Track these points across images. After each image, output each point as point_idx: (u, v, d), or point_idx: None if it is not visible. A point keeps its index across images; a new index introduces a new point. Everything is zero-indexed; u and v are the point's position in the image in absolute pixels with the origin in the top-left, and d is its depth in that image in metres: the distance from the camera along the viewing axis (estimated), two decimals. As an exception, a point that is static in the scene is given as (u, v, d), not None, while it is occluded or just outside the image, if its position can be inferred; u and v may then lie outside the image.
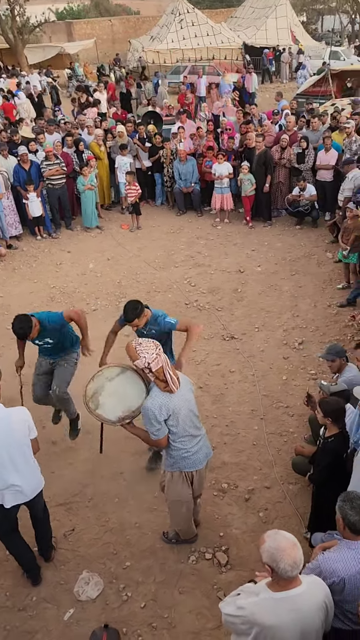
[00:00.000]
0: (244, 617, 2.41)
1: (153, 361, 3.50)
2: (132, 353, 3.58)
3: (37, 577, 4.14)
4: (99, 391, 4.10)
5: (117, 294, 8.33)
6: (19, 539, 4.02)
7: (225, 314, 7.69)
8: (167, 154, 11.01)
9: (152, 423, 3.56)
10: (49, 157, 9.92)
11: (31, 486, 3.81)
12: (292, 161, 10.10)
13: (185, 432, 3.70)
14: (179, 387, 3.63)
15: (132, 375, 4.11)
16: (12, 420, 3.61)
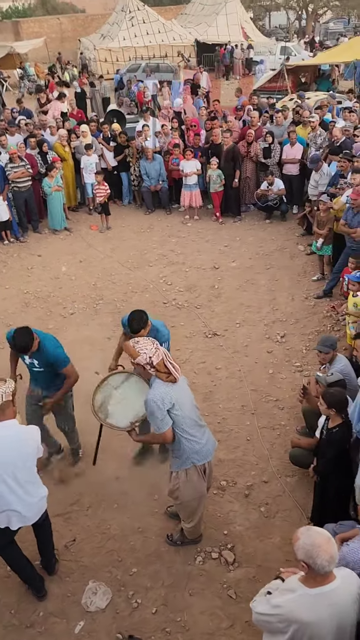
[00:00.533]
0: (281, 615, 2.39)
1: (154, 355, 3.59)
2: (132, 351, 3.64)
3: (42, 589, 4.02)
4: (106, 400, 4.10)
5: (93, 296, 8.19)
6: (17, 552, 3.90)
7: (205, 311, 7.68)
8: (133, 152, 10.90)
9: (155, 415, 3.58)
10: (14, 159, 9.64)
11: (36, 509, 3.73)
12: (259, 156, 10.17)
13: (193, 421, 3.76)
14: (180, 376, 3.72)
15: (137, 380, 4.12)
16: (22, 439, 3.51)
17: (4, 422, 3.49)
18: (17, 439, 3.51)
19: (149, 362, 3.58)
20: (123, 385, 4.29)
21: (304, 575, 2.47)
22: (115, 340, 7.03)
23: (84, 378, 4.91)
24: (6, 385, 3.49)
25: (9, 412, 3.51)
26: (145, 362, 3.59)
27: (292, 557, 4.13)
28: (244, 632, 3.75)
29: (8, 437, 3.47)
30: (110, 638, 3.74)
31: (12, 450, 3.48)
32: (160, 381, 3.62)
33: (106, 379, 4.35)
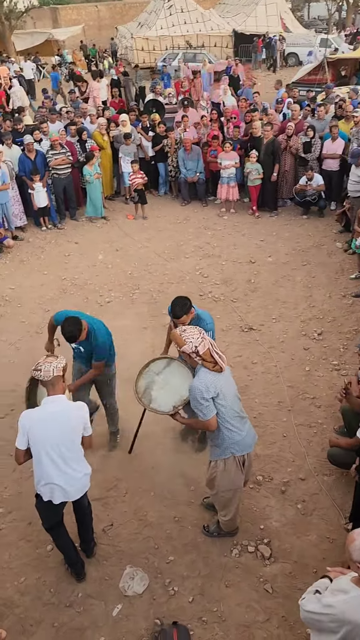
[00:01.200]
0: (334, 616, 2.40)
1: (200, 344, 3.61)
2: (179, 340, 3.67)
3: (81, 572, 4.11)
4: (150, 386, 4.16)
5: (129, 285, 8.24)
6: (65, 532, 4.00)
7: (241, 305, 7.67)
8: (171, 143, 10.88)
9: (199, 402, 3.62)
10: (55, 146, 9.74)
11: (79, 485, 3.78)
12: (299, 150, 10.06)
13: (235, 412, 3.78)
14: (226, 365, 3.74)
15: (179, 365, 4.17)
16: (71, 416, 3.56)
17: (53, 397, 3.57)
18: (65, 415, 3.56)
19: (195, 351, 3.61)
20: (165, 371, 4.34)
21: (356, 577, 2.48)
22: (151, 330, 7.14)
23: (119, 367, 5.00)
24: (58, 361, 3.56)
25: (58, 387, 3.58)
26: (191, 351, 3.62)
27: (329, 556, 4.17)
28: (280, 626, 3.77)
29: (56, 412, 3.54)
30: (148, 623, 3.81)
31: (59, 425, 3.54)
32: (206, 370, 3.65)
33: (147, 365, 4.41)
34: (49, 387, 3.57)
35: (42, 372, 3.50)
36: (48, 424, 3.52)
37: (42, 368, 3.50)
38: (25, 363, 6.49)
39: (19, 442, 3.57)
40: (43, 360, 3.57)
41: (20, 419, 3.57)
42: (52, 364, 3.52)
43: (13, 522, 4.62)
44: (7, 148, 9.70)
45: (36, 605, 3.99)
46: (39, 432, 3.52)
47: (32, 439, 3.54)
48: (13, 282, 8.41)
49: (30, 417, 3.55)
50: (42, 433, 3.52)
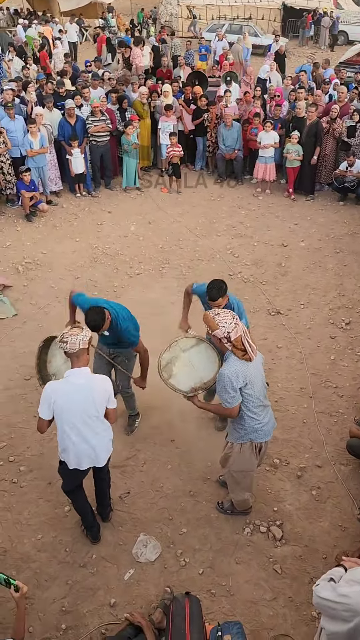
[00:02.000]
0: (348, 606, 2.44)
1: (232, 330, 3.56)
2: (211, 323, 3.61)
3: (97, 535, 4.24)
4: (172, 361, 4.15)
5: (160, 259, 8.25)
6: (83, 496, 4.12)
7: (270, 288, 7.63)
8: (211, 117, 10.71)
9: (227, 390, 3.60)
10: (95, 112, 9.67)
11: (105, 450, 3.87)
12: (343, 134, 9.82)
13: (259, 401, 3.77)
14: (256, 355, 3.68)
15: (207, 347, 4.14)
16: (94, 388, 3.60)
17: (78, 369, 3.59)
18: (90, 387, 3.60)
19: (227, 337, 3.57)
20: (192, 350, 4.29)
21: (373, 569, 2.51)
22: (178, 305, 7.04)
23: (142, 339, 4.96)
24: (83, 333, 3.55)
25: (83, 359, 3.60)
26: (223, 336, 3.58)
27: (340, 544, 4.23)
28: (286, 606, 3.86)
29: (81, 384, 3.57)
30: (158, 590, 3.93)
31: (84, 397, 3.58)
32: (236, 358, 3.61)
33: (176, 340, 4.36)
34: (74, 359, 3.57)
35: (68, 344, 3.48)
36: (73, 395, 3.56)
37: (69, 340, 3.49)
38: (53, 328, 6.57)
39: (43, 413, 3.59)
40: (69, 332, 3.53)
41: (44, 389, 3.61)
42: (78, 337, 3.50)
43: (34, 481, 4.76)
44: (48, 111, 9.66)
45: (51, 562, 4.15)
46: (65, 404, 3.56)
47: (57, 410, 3.58)
48: (45, 247, 8.47)
49: (56, 389, 3.57)
50: (68, 405, 3.56)
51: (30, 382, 5.83)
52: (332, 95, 11.12)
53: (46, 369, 4.36)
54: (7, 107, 9.04)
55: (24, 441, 5.16)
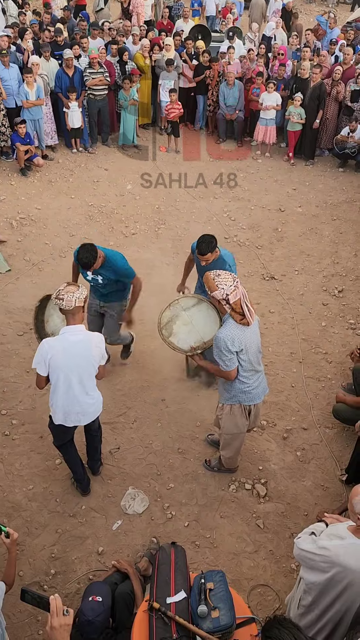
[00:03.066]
0: (327, 557, 2.57)
1: (231, 293, 3.57)
2: (211, 284, 3.63)
3: (87, 488, 4.36)
4: (173, 319, 4.19)
5: (156, 219, 8.18)
6: (74, 450, 4.20)
7: (265, 252, 7.63)
8: (213, 75, 10.43)
9: (223, 353, 3.65)
10: (93, 64, 9.38)
11: (92, 410, 3.92)
12: (346, 98, 9.63)
13: (252, 366, 3.82)
14: (254, 321, 3.71)
15: (208, 307, 4.18)
16: (92, 346, 3.64)
17: (74, 327, 3.62)
18: (86, 344, 3.63)
19: (226, 299, 3.58)
20: (193, 309, 4.33)
21: (354, 527, 2.63)
22: (174, 266, 7.16)
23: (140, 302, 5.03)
24: (79, 291, 3.56)
25: (79, 317, 3.63)
26: (221, 298, 3.59)
27: (321, 502, 4.39)
28: (267, 559, 4.03)
29: (78, 342, 3.61)
30: (145, 540, 4.09)
31: (80, 354, 3.62)
32: (233, 322, 3.63)
33: (177, 299, 4.40)
34: (69, 316, 3.59)
35: (65, 301, 3.50)
36: (69, 352, 3.58)
37: (65, 297, 3.50)
38: (47, 285, 6.61)
39: (40, 369, 3.62)
40: (64, 289, 3.55)
41: (41, 345, 3.62)
42: (74, 294, 3.51)
43: (26, 434, 4.86)
44: (45, 61, 9.36)
45: (42, 511, 4.28)
46: (61, 360, 3.58)
47: (53, 366, 3.60)
48: (40, 203, 8.36)
49: (52, 346, 3.58)
50: (64, 361, 3.58)
51: (23, 337, 5.87)
52: (339, 57, 10.83)
53: (44, 328, 4.39)
54: (2, 54, 8.70)
55: (16, 395, 5.24)
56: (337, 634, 2.73)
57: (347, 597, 2.58)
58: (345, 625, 2.69)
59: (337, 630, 2.72)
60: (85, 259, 4.36)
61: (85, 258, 4.36)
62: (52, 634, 2.15)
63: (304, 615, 2.80)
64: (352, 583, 2.54)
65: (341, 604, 2.61)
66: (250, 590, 3.82)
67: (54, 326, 4.34)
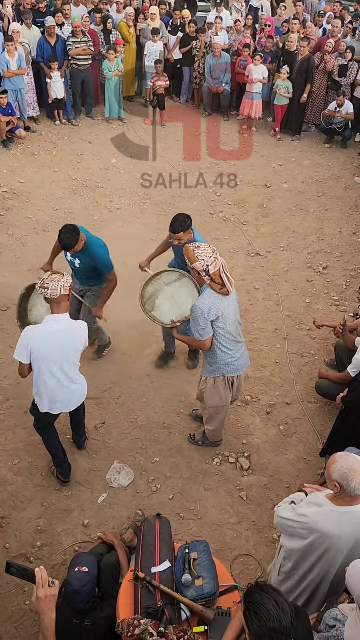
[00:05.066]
0: (306, 524, 2.64)
1: (211, 264, 3.61)
2: (191, 255, 3.66)
3: (68, 474, 4.30)
4: (155, 294, 4.20)
5: (140, 194, 8.10)
6: (54, 432, 4.13)
7: (251, 228, 7.61)
8: (200, 46, 10.22)
9: (198, 322, 3.69)
10: (76, 33, 9.13)
11: (77, 396, 3.90)
12: (334, 73, 9.53)
13: (232, 336, 3.87)
14: (233, 290, 3.76)
15: (189, 282, 4.20)
16: (75, 335, 3.59)
17: (58, 315, 3.56)
18: (70, 333, 3.59)
19: (205, 269, 3.62)
20: (174, 283, 4.34)
21: (332, 494, 2.69)
22: (158, 242, 7.02)
23: (122, 274, 4.96)
24: (64, 279, 3.49)
25: (63, 305, 3.56)
26: (201, 269, 3.62)
27: (303, 474, 4.48)
28: (249, 529, 4.12)
29: (61, 330, 3.55)
30: (130, 512, 4.15)
31: (64, 343, 3.57)
32: (212, 291, 3.68)
33: (159, 273, 4.40)
34: (54, 305, 3.54)
35: (49, 290, 3.43)
36: (53, 341, 3.53)
37: (49, 286, 3.43)
38: (29, 260, 6.55)
39: (22, 357, 3.57)
40: (49, 278, 3.47)
41: (23, 333, 3.56)
42: (59, 283, 3.45)
43: (10, 409, 4.85)
44: (26, 28, 9.07)
45: (27, 485, 4.31)
46: (44, 349, 3.53)
47: (36, 354, 3.54)
48: (22, 176, 8.20)
49: (35, 334, 3.53)
50: (47, 350, 3.53)
51: (7, 313, 5.82)
52: (326, 29, 10.67)
53: (27, 317, 4.33)
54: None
55: (0, 370, 5.21)
56: (315, 599, 2.83)
57: (324, 562, 2.67)
58: (323, 590, 2.79)
59: (316, 595, 2.81)
60: (67, 239, 4.31)
61: (66, 239, 4.31)
62: (37, 605, 2.20)
63: (284, 581, 2.88)
64: (330, 548, 2.62)
65: (319, 569, 2.69)
66: (233, 560, 3.92)
67: (38, 315, 4.28)
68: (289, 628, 1.96)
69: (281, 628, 1.95)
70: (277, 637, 1.95)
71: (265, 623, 1.96)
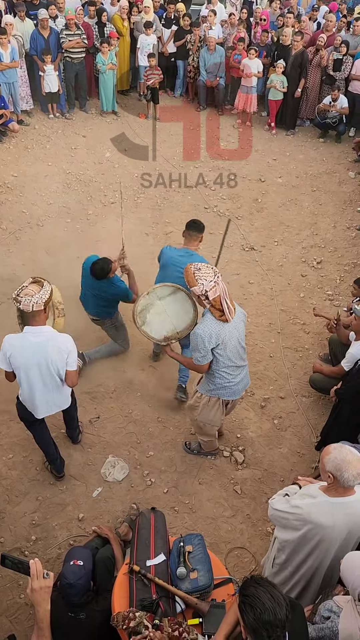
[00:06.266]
0: (299, 515, 2.65)
1: (211, 290, 3.43)
2: (190, 279, 3.48)
3: (61, 469, 4.29)
4: (147, 308, 4.08)
5: (135, 188, 8.07)
6: (44, 428, 4.07)
7: (245, 223, 7.61)
8: (194, 40, 10.17)
9: (198, 349, 3.56)
10: (70, 26, 9.06)
11: (60, 403, 3.83)
12: (329, 67, 9.52)
13: (231, 362, 3.71)
14: (233, 317, 3.60)
15: (183, 296, 4.09)
16: (51, 350, 3.45)
17: (36, 328, 3.42)
18: (45, 346, 3.43)
19: (205, 294, 3.45)
20: (168, 298, 4.19)
21: (325, 486, 2.71)
22: (153, 237, 7.14)
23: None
24: (39, 294, 3.29)
25: (40, 319, 3.41)
26: (201, 293, 3.46)
27: (297, 468, 4.50)
28: (244, 522, 4.14)
29: (37, 343, 3.42)
30: (125, 506, 4.16)
31: (40, 357, 3.44)
32: (212, 317, 3.52)
33: (154, 288, 4.24)
34: (29, 318, 3.39)
35: (22, 304, 3.28)
36: (28, 353, 3.43)
37: (22, 300, 3.27)
38: (24, 255, 6.53)
39: (2, 364, 3.51)
40: (23, 291, 3.30)
41: (3, 342, 3.48)
42: (32, 298, 3.26)
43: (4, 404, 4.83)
44: (20, 21, 9.00)
45: (22, 479, 4.31)
46: (20, 360, 3.45)
47: (14, 363, 3.48)
48: (16, 170, 8.16)
49: (13, 344, 3.45)
50: (23, 361, 3.45)
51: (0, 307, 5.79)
52: (320, 24, 10.65)
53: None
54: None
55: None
56: (309, 590, 2.85)
57: (318, 553, 2.69)
58: (317, 581, 2.81)
59: (310, 586, 2.83)
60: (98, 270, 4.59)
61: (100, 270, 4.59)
62: (33, 596, 2.20)
63: (278, 573, 2.90)
64: (323, 539, 2.64)
65: (313, 560, 2.72)
66: (228, 553, 3.94)
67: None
68: (284, 621, 1.98)
69: (276, 621, 1.96)
70: (272, 630, 1.97)
71: (260, 616, 1.97)
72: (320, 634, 2.43)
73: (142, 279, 5.06)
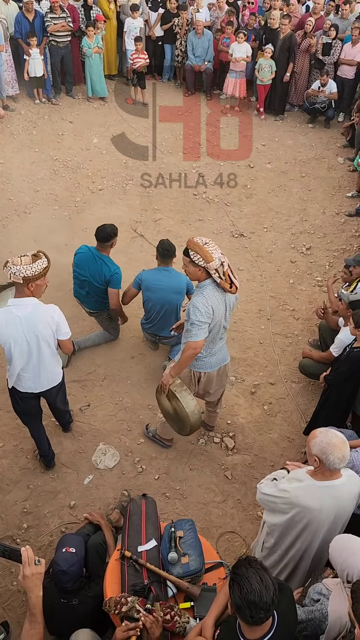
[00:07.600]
0: (287, 499, 2.68)
1: (225, 260, 3.39)
2: (207, 255, 3.33)
3: (51, 463, 4.28)
4: None
5: (123, 175, 8.00)
6: (40, 428, 4.08)
7: (234, 209, 7.58)
8: (182, 23, 10.03)
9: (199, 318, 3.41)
10: (54, 8, 8.88)
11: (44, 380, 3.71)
12: (318, 52, 9.44)
13: (210, 336, 3.62)
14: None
15: None
16: (38, 321, 3.40)
17: (21, 299, 3.36)
18: (30, 319, 3.38)
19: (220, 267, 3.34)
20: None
21: (312, 470, 2.74)
22: (142, 224, 7.07)
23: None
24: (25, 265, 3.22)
25: (23, 291, 3.34)
26: (217, 267, 3.34)
27: (287, 453, 4.54)
28: (234, 507, 4.18)
29: (22, 317, 3.36)
30: (116, 493, 4.17)
31: (27, 329, 3.39)
32: (212, 290, 3.42)
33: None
34: (18, 287, 3.34)
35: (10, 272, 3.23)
36: (15, 326, 3.37)
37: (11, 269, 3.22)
38: (11, 243, 6.47)
39: None
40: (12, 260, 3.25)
41: None
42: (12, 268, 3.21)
43: (-6, 393, 4.82)
44: (3, 3, 8.82)
45: (13, 468, 4.30)
46: (7, 334, 3.39)
47: (1, 338, 3.43)
48: (2, 156, 8.04)
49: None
50: (10, 335, 3.39)
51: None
52: (309, 6, 10.54)
53: None
54: None
55: (-17, 354, 5.16)
56: (298, 572, 2.89)
57: (306, 536, 2.72)
58: (305, 564, 2.84)
59: (298, 568, 2.87)
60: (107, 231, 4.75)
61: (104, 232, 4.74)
62: (24, 583, 2.21)
63: (268, 557, 2.94)
64: (311, 522, 2.67)
65: (301, 543, 2.75)
66: (219, 537, 3.97)
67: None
68: (269, 605, 2.01)
69: (261, 603, 2.00)
70: (255, 611, 2.00)
71: (246, 595, 2.01)
72: (310, 617, 2.47)
73: (133, 266, 5.05)
